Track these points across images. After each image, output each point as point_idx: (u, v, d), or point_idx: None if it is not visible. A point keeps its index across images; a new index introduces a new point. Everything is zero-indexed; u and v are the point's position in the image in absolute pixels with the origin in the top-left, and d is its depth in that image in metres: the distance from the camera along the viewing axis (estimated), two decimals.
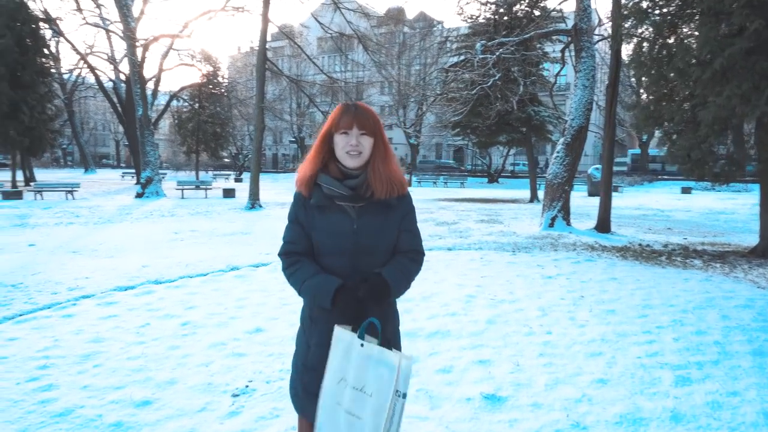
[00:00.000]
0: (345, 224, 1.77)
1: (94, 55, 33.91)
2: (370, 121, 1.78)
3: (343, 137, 1.76)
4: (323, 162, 1.80)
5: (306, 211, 1.80)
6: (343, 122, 1.76)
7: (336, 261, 1.79)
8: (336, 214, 1.77)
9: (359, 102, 1.83)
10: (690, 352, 4.13)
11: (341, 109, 1.80)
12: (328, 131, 1.80)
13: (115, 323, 4.63)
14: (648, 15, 8.80)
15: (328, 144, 1.81)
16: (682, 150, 8.51)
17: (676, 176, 38.95)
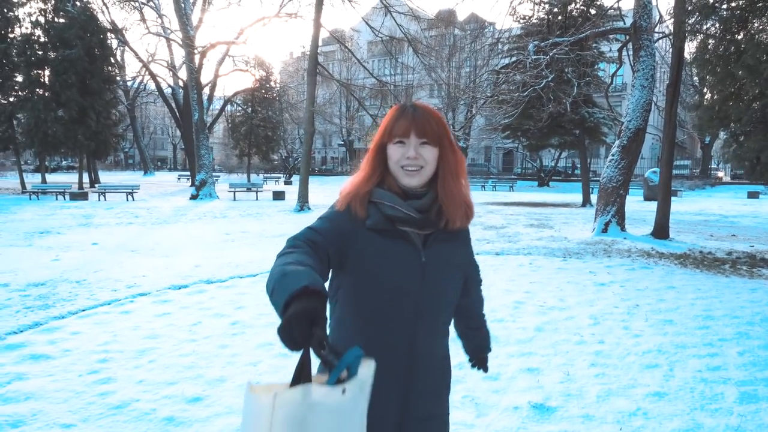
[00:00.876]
0: (411, 256, 1.33)
1: (155, 62, 35.48)
2: (434, 127, 1.35)
3: (399, 148, 1.33)
4: (380, 176, 1.37)
5: (351, 230, 1.31)
6: (397, 128, 1.34)
7: (394, 305, 1.32)
8: (398, 242, 1.32)
9: (418, 102, 1.41)
10: (757, 367, 3.88)
11: (396, 111, 1.38)
12: (380, 140, 1.37)
13: (169, 321, 4.80)
14: (715, 10, 8.39)
15: (382, 155, 1.37)
16: (750, 152, 8.05)
17: (742, 180, 36.88)
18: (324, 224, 1.32)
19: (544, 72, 12.63)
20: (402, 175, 1.34)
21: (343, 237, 1.30)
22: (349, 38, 32.66)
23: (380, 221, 1.31)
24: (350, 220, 1.32)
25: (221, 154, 59.63)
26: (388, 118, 1.37)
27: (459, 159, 1.39)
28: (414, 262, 1.33)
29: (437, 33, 37.10)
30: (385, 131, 1.36)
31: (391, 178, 1.37)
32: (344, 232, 1.31)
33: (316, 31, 17.33)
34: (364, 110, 22.84)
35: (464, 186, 1.41)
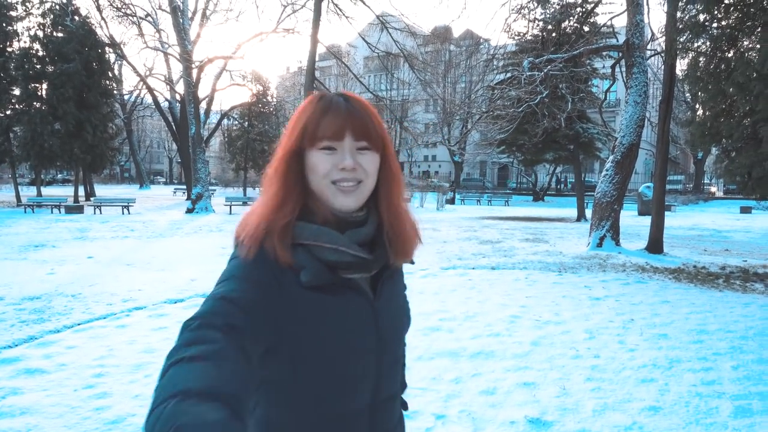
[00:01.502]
0: (363, 315, 0.94)
1: (152, 76, 35.75)
2: (375, 126, 0.95)
3: (327, 156, 0.91)
4: (298, 201, 0.92)
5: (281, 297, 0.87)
6: (325, 127, 0.91)
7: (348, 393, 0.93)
8: (346, 298, 0.92)
9: (346, 92, 0.98)
10: (751, 381, 3.90)
11: (319, 103, 0.94)
12: (296, 146, 0.93)
13: (165, 335, 4.79)
14: (705, 28, 8.55)
15: (298, 168, 0.93)
16: (741, 168, 8.15)
17: (734, 195, 37.17)
18: (239, 289, 0.83)
19: (538, 88, 12.79)
20: (333, 194, 0.92)
21: (269, 304, 0.84)
22: (346, 53, 32.95)
23: (320, 273, 0.88)
24: (270, 275, 0.86)
25: (217, 168, 59.70)
26: (309, 113, 0.93)
27: (398, 172, 1.01)
28: (368, 323, 0.94)
29: (433, 49, 37.49)
30: (304, 132, 0.92)
31: (316, 201, 0.94)
32: (269, 296, 0.85)
33: (313, 46, 17.50)
34: None
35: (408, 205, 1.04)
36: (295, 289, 0.88)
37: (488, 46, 21.22)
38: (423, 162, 61.63)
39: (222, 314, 0.79)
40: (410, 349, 4.42)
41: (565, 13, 21.80)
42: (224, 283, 0.87)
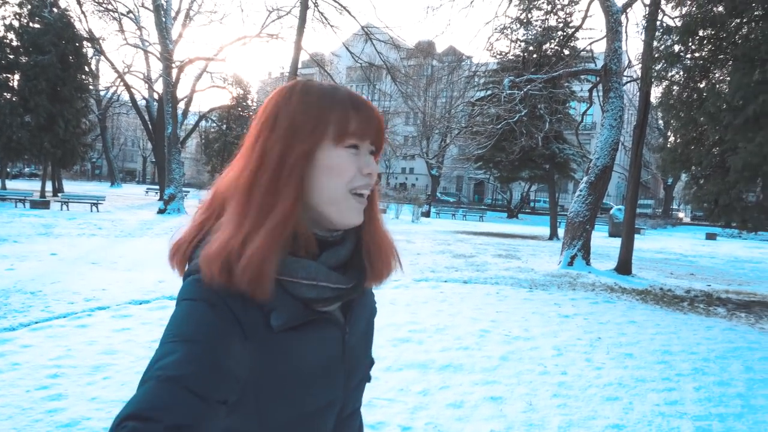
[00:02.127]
0: (336, 344, 0.84)
1: (131, 73, 35.07)
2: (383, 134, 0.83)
3: (352, 157, 0.78)
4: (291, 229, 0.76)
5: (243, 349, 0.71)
6: (358, 123, 0.78)
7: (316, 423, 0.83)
8: (319, 332, 0.81)
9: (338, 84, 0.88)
10: (712, 402, 3.97)
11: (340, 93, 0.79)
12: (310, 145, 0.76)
13: (128, 336, 4.65)
14: (680, 58, 8.80)
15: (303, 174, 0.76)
16: (709, 195, 8.37)
17: (701, 221, 38.27)
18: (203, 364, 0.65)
19: (518, 106, 12.98)
20: (347, 207, 0.79)
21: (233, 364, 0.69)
22: (329, 62, 33.00)
23: (295, 314, 0.76)
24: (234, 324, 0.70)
25: (192, 170, 58.87)
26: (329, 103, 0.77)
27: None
28: (339, 353, 0.85)
29: (416, 63, 37.83)
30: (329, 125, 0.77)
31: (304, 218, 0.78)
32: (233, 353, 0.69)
33: (297, 53, 17.47)
34: None
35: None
36: (261, 331, 0.72)
37: (470, 63, 21.52)
38: (400, 174, 61.90)
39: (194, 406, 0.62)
40: (379, 359, 4.38)
41: (547, 36, 22.28)
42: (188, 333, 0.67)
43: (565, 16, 23.12)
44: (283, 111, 0.77)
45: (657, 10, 11.34)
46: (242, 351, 0.70)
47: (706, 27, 8.59)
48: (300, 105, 0.77)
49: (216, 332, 0.68)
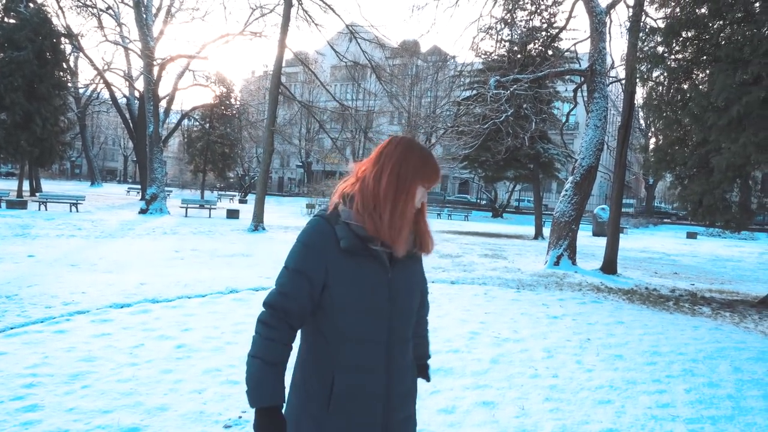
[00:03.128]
0: (380, 275, 1.41)
1: (111, 71, 34.45)
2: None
3: (422, 192, 1.44)
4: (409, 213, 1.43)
5: (327, 259, 1.37)
6: (435, 179, 1.44)
7: (366, 324, 1.39)
8: (368, 261, 1.39)
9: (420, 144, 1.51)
10: (703, 405, 3.95)
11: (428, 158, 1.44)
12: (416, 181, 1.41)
13: (108, 342, 4.50)
14: (664, 59, 8.84)
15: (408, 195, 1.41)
16: (693, 195, 8.42)
17: (682, 220, 38.85)
18: (292, 282, 1.39)
19: (503, 106, 12.98)
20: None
21: (312, 276, 1.38)
22: (314, 61, 32.78)
23: (354, 243, 1.38)
24: (323, 248, 1.38)
25: (175, 169, 58.09)
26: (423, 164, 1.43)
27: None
28: (383, 280, 1.41)
29: (401, 62, 37.76)
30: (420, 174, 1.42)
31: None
32: (312, 269, 1.38)
33: (281, 51, 17.28)
34: (325, 133, 22.83)
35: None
36: (336, 255, 1.37)
37: (455, 63, 21.51)
38: None
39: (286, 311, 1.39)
40: None
41: (531, 36, 22.35)
42: (297, 250, 1.41)
43: (550, 17, 23.23)
44: (401, 157, 1.42)
45: (641, 12, 11.42)
46: (321, 265, 1.37)
47: (690, 28, 8.65)
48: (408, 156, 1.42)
49: (306, 253, 1.39)
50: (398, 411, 1.47)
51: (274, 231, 17.10)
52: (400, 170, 1.39)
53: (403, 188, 1.39)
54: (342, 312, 1.38)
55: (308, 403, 1.41)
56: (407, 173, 1.39)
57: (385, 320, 1.41)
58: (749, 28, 7.58)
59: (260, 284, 7.66)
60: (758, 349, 5.68)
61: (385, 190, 1.38)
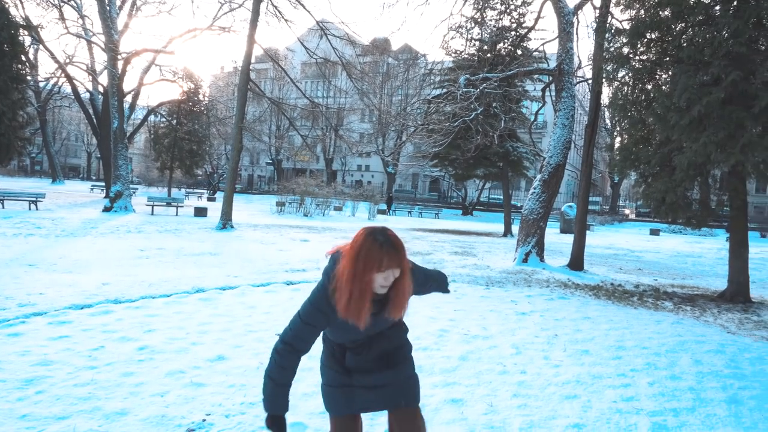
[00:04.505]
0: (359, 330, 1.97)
1: (73, 65, 33.37)
2: (403, 255, 1.89)
3: (381, 275, 1.85)
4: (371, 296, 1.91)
5: (328, 319, 1.94)
6: (386, 263, 1.83)
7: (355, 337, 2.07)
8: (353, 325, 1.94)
9: (388, 232, 1.90)
10: (665, 397, 4.04)
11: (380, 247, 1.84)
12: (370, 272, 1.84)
13: (66, 345, 4.33)
14: (629, 60, 9.01)
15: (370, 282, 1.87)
16: (657, 193, 8.62)
17: (645, 217, 39.92)
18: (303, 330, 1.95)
19: (473, 104, 13.07)
20: (378, 289, 1.90)
21: (317, 327, 1.97)
22: (284, 57, 32.41)
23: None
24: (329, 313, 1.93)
25: (141, 166, 56.74)
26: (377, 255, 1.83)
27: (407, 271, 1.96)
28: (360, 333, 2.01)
29: (371, 60, 37.68)
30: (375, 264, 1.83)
31: None
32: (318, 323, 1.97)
33: (250, 47, 17.01)
34: (295, 130, 22.60)
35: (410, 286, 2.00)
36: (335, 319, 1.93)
37: (426, 61, 21.57)
38: (356, 171, 61.71)
39: (304, 337, 1.95)
40: None
41: (501, 36, 22.59)
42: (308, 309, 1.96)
43: (519, 17, 23.54)
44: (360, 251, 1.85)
45: (607, 13, 11.64)
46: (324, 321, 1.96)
47: (653, 30, 8.84)
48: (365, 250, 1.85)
49: (317, 314, 1.94)
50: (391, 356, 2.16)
51: (243, 229, 16.84)
52: (357, 263, 1.82)
53: (358, 278, 1.83)
54: (336, 335, 2.08)
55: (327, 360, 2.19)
56: (362, 264, 1.82)
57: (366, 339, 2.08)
58: (709, 31, 7.78)
59: (227, 283, 7.51)
60: (717, 342, 5.85)
61: (345, 280, 1.84)
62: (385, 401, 2.10)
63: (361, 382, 2.08)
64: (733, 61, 7.43)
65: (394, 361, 2.14)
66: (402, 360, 2.19)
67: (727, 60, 7.43)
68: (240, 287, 7.27)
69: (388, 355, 2.12)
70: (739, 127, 7.39)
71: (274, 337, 5.00)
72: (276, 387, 1.94)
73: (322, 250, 12.40)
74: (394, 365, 2.14)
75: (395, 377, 2.12)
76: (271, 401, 1.95)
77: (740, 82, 7.34)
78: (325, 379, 2.15)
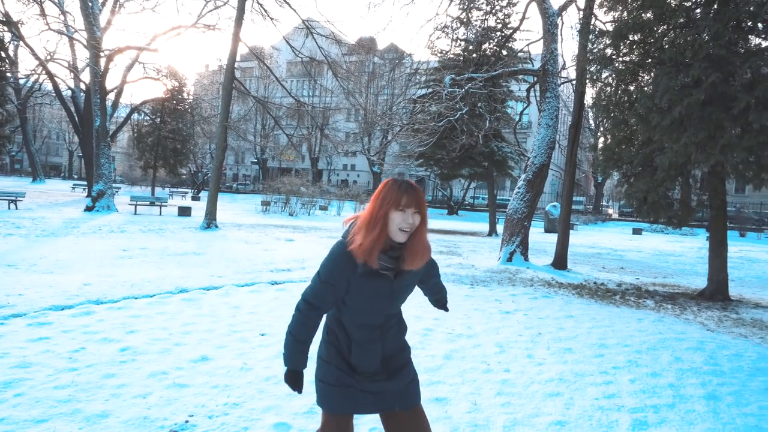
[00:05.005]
0: (386, 289, 1.99)
1: (54, 61, 32.80)
2: (423, 201, 1.94)
3: (400, 214, 1.88)
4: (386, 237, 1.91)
5: (348, 277, 1.93)
6: (405, 201, 1.88)
7: (369, 319, 2.04)
8: (379, 280, 1.96)
9: (408, 180, 1.98)
10: (646, 394, 4.10)
11: (399, 187, 1.91)
12: (387, 208, 1.89)
13: (46, 346, 4.26)
14: (612, 61, 9.12)
15: (387, 218, 1.89)
16: (639, 192, 8.73)
17: (628, 217, 40.41)
18: (322, 290, 1.96)
19: (458, 104, 13.12)
20: (397, 234, 1.90)
21: (337, 286, 1.95)
22: (269, 56, 32.23)
23: (368, 271, 1.93)
24: (347, 269, 1.92)
25: (124, 165, 56.05)
26: (395, 192, 1.90)
27: (426, 221, 1.98)
28: (387, 291, 2.01)
29: (357, 59, 37.65)
30: (393, 201, 1.88)
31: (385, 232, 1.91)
32: (338, 282, 1.94)
33: (235, 45, 16.89)
34: (280, 129, 22.49)
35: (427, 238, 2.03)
36: (354, 275, 1.92)
37: (411, 61, 21.60)
38: (342, 171, 61.62)
39: (323, 297, 1.97)
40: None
41: (486, 36, 22.70)
42: (326, 266, 1.96)
43: (504, 18, 23.67)
44: (380, 192, 1.92)
45: (591, 14, 11.77)
46: (345, 280, 1.93)
47: (636, 32, 8.95)
48: (385, 190, 1.91)
49: (335, 271, 1.93)
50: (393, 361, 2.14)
51: (228, 228, 16.73)
52: (376, 202, 1.92)
53: (377, 215, 1.89)
54: (353, 310, 2.01)
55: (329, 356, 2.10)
56: (380, 202, 1.90)
57: (382, 315, 2.06)
58: (690, 33, 7.91)
59: (211, 283, 7.46)
60: (697, 339, 5.95)
61: (364, 218, 1.92)
62: (380, 406, 2.12)
63: (363, 386, 2.07)
64: (714, 63, 7.56)
65: (396, 366, 2.14)
66: (403, 365, 2.18)
67: (708, 62, 7.56)
68: (224, 287, 7.22)
69: (391, 359, 2.12)
70: (718, 128, 7.52)
71: (258, 337, 4.98)
72: (296, 343, 2.00)
73: (307, 250, 12.37)
74: (396, 372, 2.13)
75: (396, 384, 2.12)
76: (291, 356, 2.02)
77: (720, 84, 7.47)
78: (323, 375, 2.09)
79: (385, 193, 1.90)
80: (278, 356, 4.42)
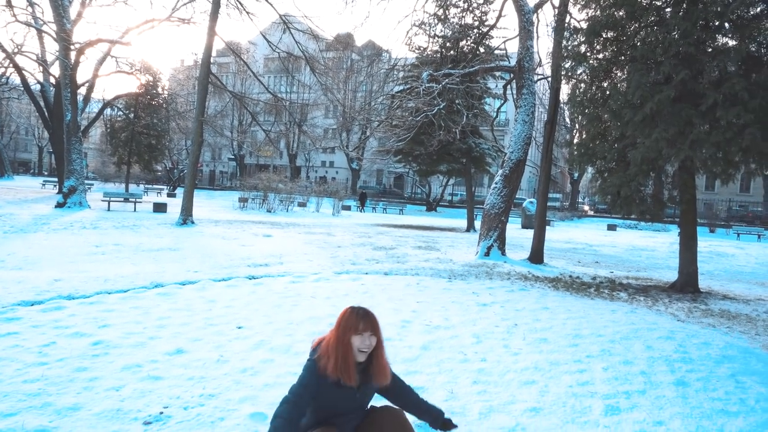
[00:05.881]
0: (352, 396, 2.48)
1: (22, 54, 31.88)
2: (377, 325, 2.45)
3: (359, 337, 2.38)
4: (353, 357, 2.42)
5: (320, 385, 2.38)
6: (362, 326, 2.39)
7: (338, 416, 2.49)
8: (346, 390, 2.43)
9: (364, 307, 2.50)
10: (618, 381, 4.19)
11: (357, 314, 2.42)
12: (350, 333, 2.39)
13: (14, 341, 4.16)
14: (586, 58, 9.25)
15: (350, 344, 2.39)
16: (612, 187, 8.89)
17: (603, 213, 41.14)
18: (301, 392, 2.38)
19: (436, 100, 13.17)
20: (358, 354, 2.42)
21: (311, 391, 2.39)
22: (246, 51, 31.88)
23: (335, 383, 2.40)
24: (319, 379, 2.39)
25: (97, 161, 54.81)
26: (353, 319, 2.42)
27: (382, 342, 2.53)
28: (353, 398, 2.49)
29: (335, 55, 37.51)
30: (353, 327, 2.40)
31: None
32: (311, 388, 2.40)
33: (210, 39, 16.66)
34: (258, 125, 22.28)
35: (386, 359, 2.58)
36: (328, 384, 2.39)
37: (389, 57, 21.62)
38: (320, 167, 61.34)
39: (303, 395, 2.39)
40: (298, 354, 4.23)
41: (463, 33, 22.82)
42: (305, 374, 2.44)
43: (481, 15, 23.81)
44: (341, 320, 2.46)
45: (565, 12, 11.93)
46: (317, 386, 2.42)
47: (609, 30, 9.10)
48: (345, 318, 2.46)
49: (310, 379, 2.43)
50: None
51: (204, 225, 16.51)
52: (339, 330, 2.38)
53: (340, 340, 2.36)
54: (323, 410, 2.47)
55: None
56: (343, 330, 2.38)
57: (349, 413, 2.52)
58: (661, 32, 8.07)
59: (187, 278, 7.36)
60: (668, 329, 6.09)
61: (331, 345, 2.38)
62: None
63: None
64: (683, 61, 7.74)
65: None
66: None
67: (677, 60, 7.73)
68: (200, 282, 7.14)
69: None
70: (688, 123, 7.70)
71: (235, 330, 4.94)
72: (285, 422, 2.31)
73: (285, 245, 12.29)
74: None
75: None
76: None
77: (689, 81, 7.66)
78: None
79: (345, 320, 2.38)
80: (255, 348, 4.39)
